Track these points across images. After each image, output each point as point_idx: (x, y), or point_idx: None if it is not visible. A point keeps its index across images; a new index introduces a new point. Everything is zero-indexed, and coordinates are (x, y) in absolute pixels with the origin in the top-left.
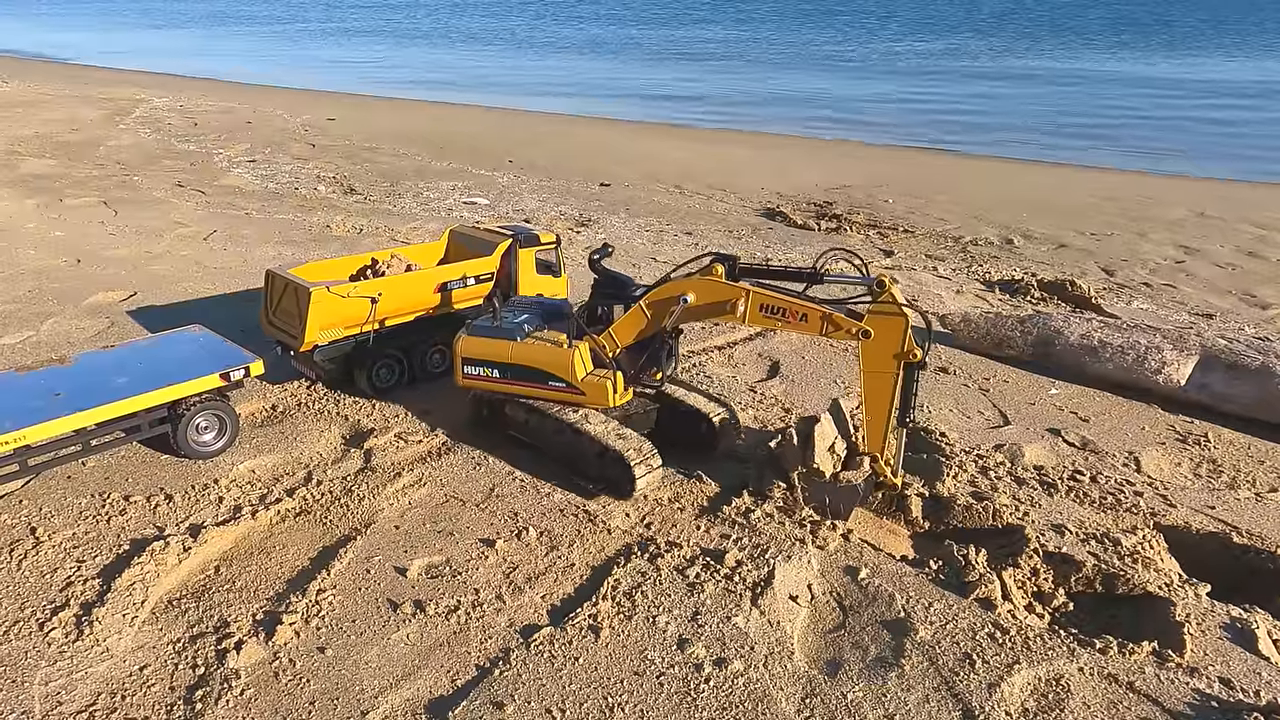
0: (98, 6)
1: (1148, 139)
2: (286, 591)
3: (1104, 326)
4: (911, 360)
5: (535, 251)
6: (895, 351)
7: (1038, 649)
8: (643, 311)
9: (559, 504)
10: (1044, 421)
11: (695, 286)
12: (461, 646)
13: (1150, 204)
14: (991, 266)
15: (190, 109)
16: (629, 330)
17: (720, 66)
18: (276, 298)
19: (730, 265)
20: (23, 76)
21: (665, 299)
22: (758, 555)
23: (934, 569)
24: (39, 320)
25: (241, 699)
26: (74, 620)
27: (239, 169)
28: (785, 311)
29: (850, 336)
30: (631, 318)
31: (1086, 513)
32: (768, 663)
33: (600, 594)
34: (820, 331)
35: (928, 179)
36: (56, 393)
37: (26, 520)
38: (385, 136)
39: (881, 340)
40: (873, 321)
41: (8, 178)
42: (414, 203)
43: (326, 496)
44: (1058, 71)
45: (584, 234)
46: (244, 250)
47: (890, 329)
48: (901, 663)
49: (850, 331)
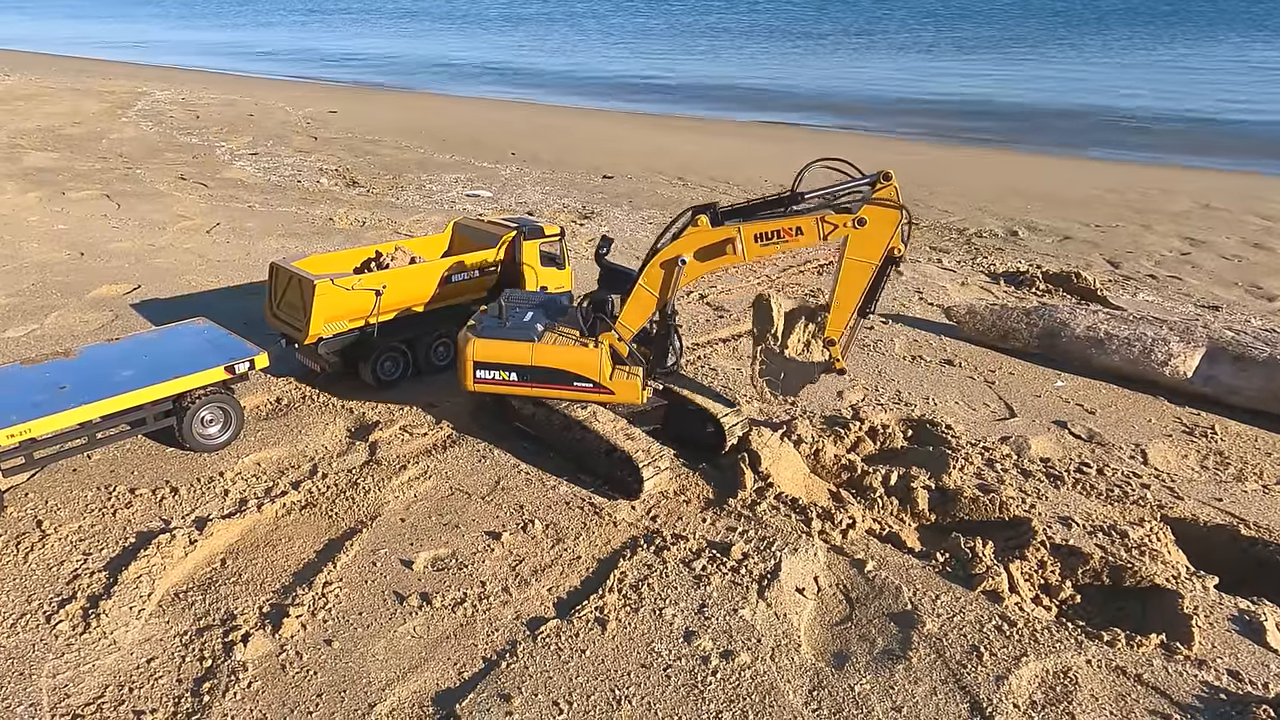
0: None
1: (1148, 128)
2: (293, 584)
3: (1110, 318)
4: (894, 255)
5: (540, 244)
6: (884, 243)
7: (1045, 641)
8: (645, 290)
9: (564, 496)
10: (1050, 414)
11: (686, 244)
12: (468, 639)
13: (1154, 196)
14: (996, 258)
15: (192, 101)
16: (636, 314)
17: (723, 57)
18: (281, 290)
19: (712, 212)
20: (24, 70)
21: (662, 267)
22: (764, 548)
23: (940, 561)
24: (43, 313)
25: (249, 691)
26: (81, 613)
27: (241, 162)
28: (780, 233)
29: (847, 229)
30: (634, 300)
31: (1093, 505)
32: (775, 655)
33: (607, 586)
34: (820, 237)
35: (929, 171)
36: (61, 386)
37: (33, 513)
38: (387, 129)
39: (874, 229)
40: (870, 211)
41: (10, 171)
42: (417, 195)
43: (332, 489)
44: (1062, 60)
45: (587, 226)
46: (247, 243)
47: (885, 220)
48: (909, 655)
49: (846, 224)
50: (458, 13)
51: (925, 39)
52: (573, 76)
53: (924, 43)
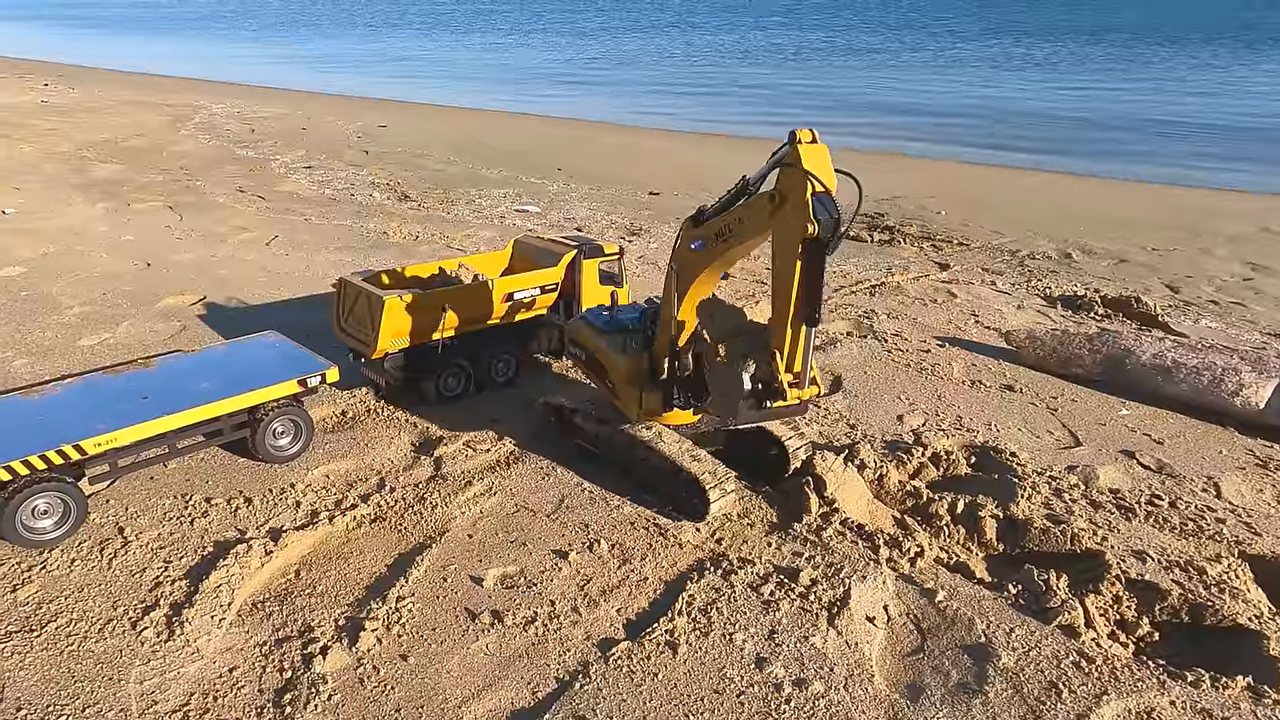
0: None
1: (1202, 150)
2: (366, 598)
3: (1178, 346)
4: (810, 237)
5: (599, 262)
6: (802, 223)
7: (1126, 680)
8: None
9: (629, 517)
10: (1116, 443)
11: (675, 252)
12: (540, 658)
13: (1210, 218)
14: (1051, 281)
15: (247, 115)
16: (661, 328)
17: (767, 73)
18: (349, 305)
19: (697, 215)
20: (87, 83)
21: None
22: (832, 574)
23: (1013, 593)
24: (114, 323)
25: (329, 704)
26: (165, 620)
27: (296, 175)
28: (728, 226)
29: (774, 207)
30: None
31: (1167, 539)
32: (848, 685)
33: (675, 609)
34: (769, 216)
35: (977, 191)
36: (144, 396)
37: (114, 520)
38: (435, 144)
39: (790, 210)
40: (783, 181)
41: (78, 182)
42: (467, 210)
43: (400, 503)
44: (1103, 81)
45: (635, 243)
46: (305, 255)
47: (797, 192)
48: (985, 689)
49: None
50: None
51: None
52: (615, 90)
53: (965, 58)
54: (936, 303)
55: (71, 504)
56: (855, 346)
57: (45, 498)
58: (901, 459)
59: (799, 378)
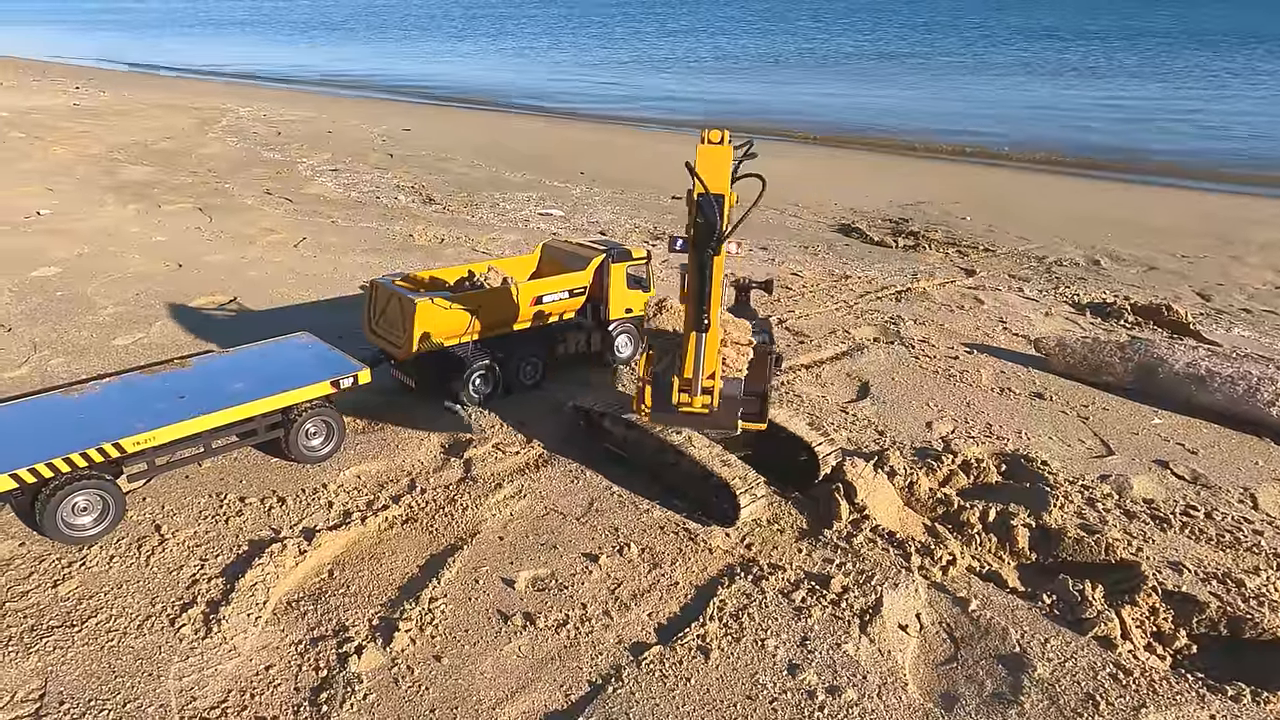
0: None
1: (1228, 157)
2: (400, 598)
3: (1212, 355)
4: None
5: (626, 266)
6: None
7: (1164, 692)
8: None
9: (658, 521)
10: (1150, 452)
11: None
12: (573, 661)
13: (1241, 225)
14: (1079, 288)
15: (273, 119)
16: None
17: (787, 76)
18: (380, 307)
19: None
20: (117, 86)
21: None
22: (863, 581)
23: (1047, 603)
24: (148, 323)
25: (365, 703)
26: (202, 618)
27: (322, 177)
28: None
29: None
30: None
31: (1204, 550)
32: (881, 693)
33: (707, 614)
34: None
35: (1002, 196)
36: (180, 395)
37: (151, 518)
38: (458, 147)
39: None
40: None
41: (110, 184)
42: (491, 213)
43: (431, 504)
44: (1125, 86)
45: (659, 247)
46: (333, 257)
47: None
48: (1021, 700)
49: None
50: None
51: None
52: (635, 95)
53: (990, 64)
54: (963, 309)
55: (110, 501)
56: (882, 352)
57: (85, 495)
58: (931, 466)
59: (688, 385)
